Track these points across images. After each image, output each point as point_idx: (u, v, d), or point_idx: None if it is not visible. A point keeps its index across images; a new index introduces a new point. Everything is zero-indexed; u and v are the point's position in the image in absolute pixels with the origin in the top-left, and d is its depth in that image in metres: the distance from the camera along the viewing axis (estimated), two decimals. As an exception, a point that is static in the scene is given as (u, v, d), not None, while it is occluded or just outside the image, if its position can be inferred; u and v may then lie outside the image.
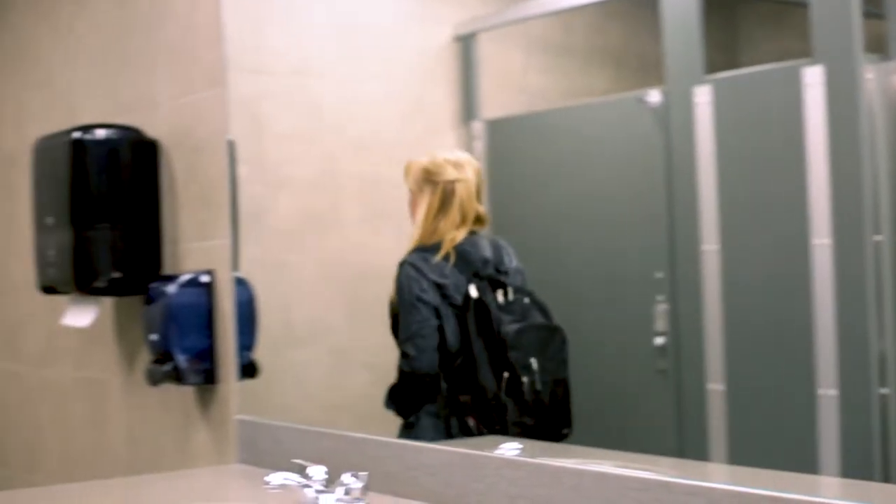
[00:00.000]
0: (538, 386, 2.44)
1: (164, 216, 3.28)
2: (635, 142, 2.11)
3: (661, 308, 2.04)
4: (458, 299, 2.58)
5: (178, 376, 3.03)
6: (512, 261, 2.54)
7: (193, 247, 3.15)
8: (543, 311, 2.48)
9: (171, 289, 3.02)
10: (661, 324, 2.03)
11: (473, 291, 2.56)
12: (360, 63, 2.73)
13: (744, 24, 2.06)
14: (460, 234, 2.59)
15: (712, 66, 2.06)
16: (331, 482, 2.19)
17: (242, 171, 2.98)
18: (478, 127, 2.36)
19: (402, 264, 2.61)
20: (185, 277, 3.04)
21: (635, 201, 2.10)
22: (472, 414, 2.57)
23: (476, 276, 2.56)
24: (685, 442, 2.05)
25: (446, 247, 2.55)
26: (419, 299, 2.54)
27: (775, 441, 1.96)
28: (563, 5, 2.38)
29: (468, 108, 2.40)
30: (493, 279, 2.56)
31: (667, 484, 1.80)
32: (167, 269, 3.25)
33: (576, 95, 2.26)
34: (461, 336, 2.57)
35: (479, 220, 2.53)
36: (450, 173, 2.69)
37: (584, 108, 2.24)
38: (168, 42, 3.25)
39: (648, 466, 1.90)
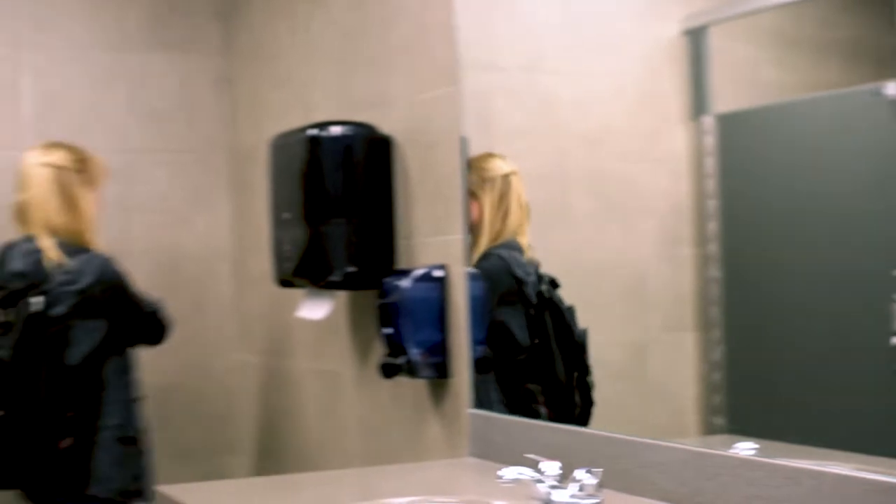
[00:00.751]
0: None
1: (397, 211, 3.37)
2: (871, 135, 2.10)
3: (899, 306, 2.03)
4: (533, 297, 2.83)
5: (411, 370, 3.11)
6: None
7: (427, 242, 3.23)
8: None
9: (405, 283, 3.11)
10: (898, 323, 2.03)
11: (547, 291, 2.79)
12: (589, 58, 2.74)
13: None
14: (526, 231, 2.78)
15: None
16: (564, 478, 2.22)
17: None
18: (708, 122, 2.38)
19: (489, 256, 2.83)
20: (418, 272, 3.12)
21: (871, 196, 2.09)
22: (541, 401, 2.85)
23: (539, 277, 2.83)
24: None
25: (524, 243, 2.73)
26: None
27: None
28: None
29: (698, 102, 2.41)
30: (553, 280, 2.83)
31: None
32: (401, 264, 3.34)
33: (808, 88, 2.26)
34: (533, 332, 2.85)
35: None
36: (502, 167, 2.84)
37: (818, 101, 2.23)
38: (402, 40, 3.34)
39: (890, 470, 1.87)
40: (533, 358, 2.90)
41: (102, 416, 3.65)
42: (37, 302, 3.57)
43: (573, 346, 2.77)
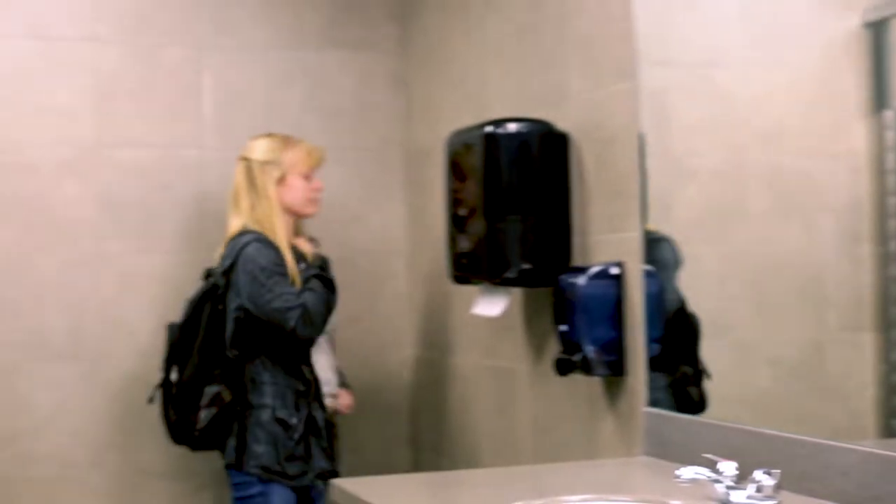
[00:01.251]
0: None
1: (573, 208, 3.39)
2: None
3: None
4: None
5: (585, 367, 3.14)
6: None
7: (603, 239, 3.25)
8: None
9: (581, 280, 3.13)
10: None
11: None
12: (766, 52, 2.69)
13: None
14: None
15: None
16: (741, 479, 2.23)
17: (650, 163, 3.05)
18: (889, 116, 2.35)
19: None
20: (594, 269, 3.15)
21: None
22: (692, 385, 2.95)
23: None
24: None
25: None
26: None
27: None
28: None
29: (879, 96, 2.38)
30: None
31: None
32: (576, 261, 3.36)
33: None
34: None
35: None
36: None
37: None
38: (579, 35, 3.37)
39: None
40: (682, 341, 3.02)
41: (259, 396, 3.84)
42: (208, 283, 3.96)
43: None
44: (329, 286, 3.91)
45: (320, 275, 3.90)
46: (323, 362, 3.99)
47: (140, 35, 4.48)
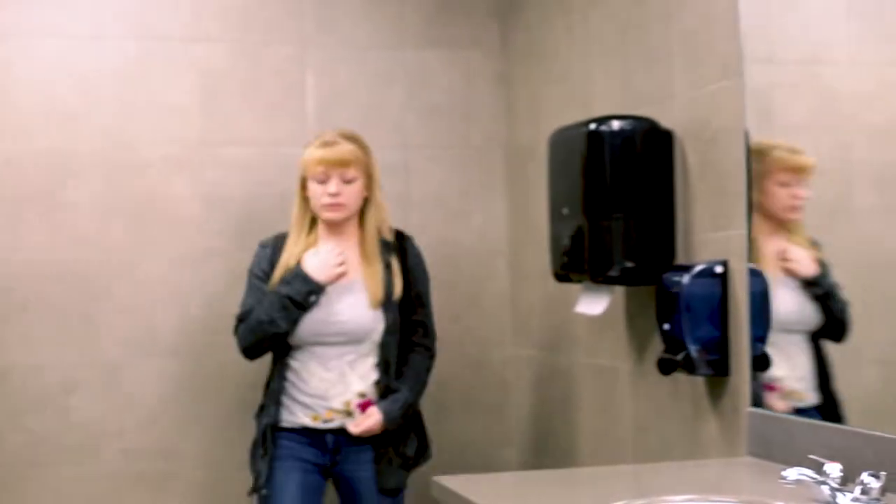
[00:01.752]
0: None
1: (677, 206, 3.39)
2: None
3: None
4: None
5: (688, 366, 3.14)
6: None
7: (707, 237, 3.25)
8: None
9: (685, 279, 3.14)
10: None
11: None
12: (873, 48, 2.69)
13: None
14: None
15: None
16: (846, 481, 2.21)
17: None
18: None
19: None
20: (698, 267, 3.15)
21: None
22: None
23: None
24: None
25: None
26: None
27: None
28: None
29: None
30: None
31: None
32: (680, 259, 3.36)
33: None
34: None
35: None
36: None
37: None
38: (684, 32, 3.36)
39: None
40: None
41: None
42: None
43: None
44: (279, 307, 3.75)
45: (286, 296, 3.76)
46: (322, 374, 3.83)
47: (245, 33, 4.56)
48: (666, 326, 3.22)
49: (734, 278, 3.11)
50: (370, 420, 3.74)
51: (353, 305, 3.81)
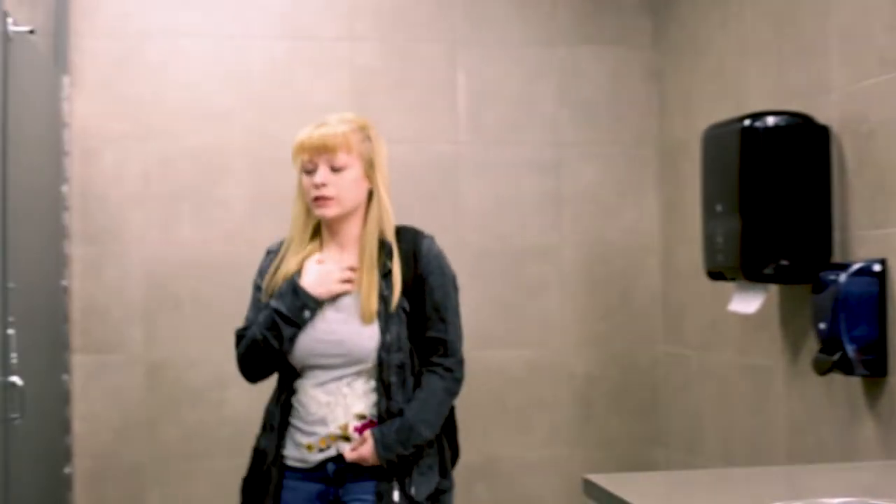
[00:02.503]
0: None
1: (833, 203, 3.35)
2: None
3: None
4: None
5: (845, 367, 3.10)
6: None
7: (865, 235, 3.20)
8: None
9: (841, 277, 3.10)
10: None
11: None
12: None
13: None
14: None
15: None
16: None
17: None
18: None
19: None
20: (855, 266, 3.11)
21: None
22: None
23: None
24: None
25: None
26: None
27: None
28: None
29: None
30: None
31: None
32: (836, 258, 3.32)
33: None
34: None
35: None
36: None
37: None
38: (841, 26, 3.32)
39: None
40: None
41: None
42: None
43: None
44: (270, 324, 3.16)
45: (276, 310, 3.17)
46: (321, 398, 3.17)
47: (396, 32, 4.62)
48: (822, 326, 3.18)
49: (893, 277, 3.06)
50: (364, 446, 3.11)
51: (347, 321, 3.16)
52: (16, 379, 3.25)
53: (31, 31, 3.48)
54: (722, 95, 4.12)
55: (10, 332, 3.26)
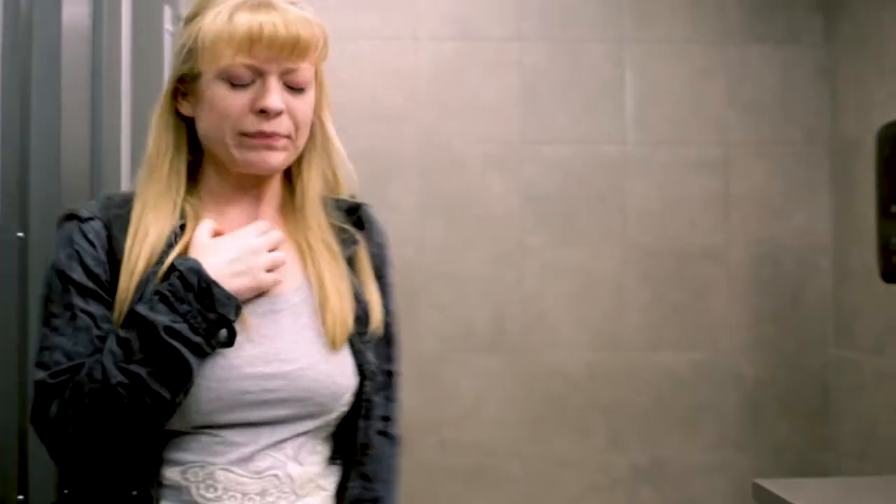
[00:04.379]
0: None
1: None
2: None
3: None
4: None
5: None
6: None
7: None
8: None
9: None
10: None
11: None
12: None
13: None
14: None
15: None
16: None
17: None
18: None
19: None
20: None
21: None
22: None
23: None
24: None
25: None
26: None
27: None
28: None
29: None
30: None
31: None
32: None
33: None
34: None
35: None
36: None
37: None
38: None
39: None
40: None
41: None
42: None
43: None
44: (155, 353, 1.70)
45: (168, 328, 1.70)
46: (247, 486, 1.79)
47: (563, 31, 4.64)
48: None
49: None
50: None
51: (298, 342, 1.85)
52: None
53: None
54: (898, 93, 4.04)
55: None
